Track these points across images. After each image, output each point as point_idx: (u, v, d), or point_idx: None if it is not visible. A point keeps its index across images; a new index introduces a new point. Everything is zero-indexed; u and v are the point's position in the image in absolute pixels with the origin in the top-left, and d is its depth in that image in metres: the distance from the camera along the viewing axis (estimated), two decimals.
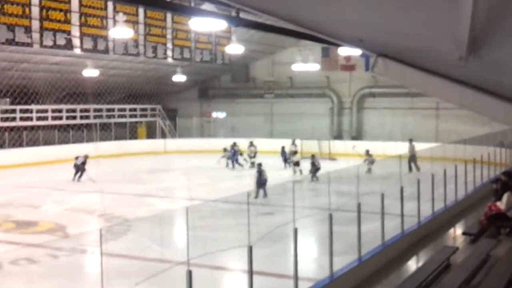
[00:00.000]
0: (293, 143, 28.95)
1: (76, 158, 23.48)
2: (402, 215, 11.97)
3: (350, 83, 36.07)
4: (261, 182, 18.74)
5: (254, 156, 27.23)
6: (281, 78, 37.15)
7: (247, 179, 21.24)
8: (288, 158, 27.28)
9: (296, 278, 8.34)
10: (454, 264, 10.18)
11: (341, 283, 9.26)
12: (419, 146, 24.12)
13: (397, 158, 18.50)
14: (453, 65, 2.33)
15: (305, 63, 32.80)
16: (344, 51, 20.27)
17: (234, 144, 28.04)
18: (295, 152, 27.61)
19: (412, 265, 11.06)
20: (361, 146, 28.78)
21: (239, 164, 27.00)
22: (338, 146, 31.75)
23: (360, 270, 9.88)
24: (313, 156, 23.51)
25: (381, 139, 30.86)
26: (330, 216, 9.25)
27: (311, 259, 11.27)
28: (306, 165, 23.43)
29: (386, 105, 33.37)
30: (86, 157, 23.52)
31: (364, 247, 10.19)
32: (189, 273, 6.55)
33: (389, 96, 32.53)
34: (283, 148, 27.97)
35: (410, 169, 22.80)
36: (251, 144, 28.23)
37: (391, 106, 32.96)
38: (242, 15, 6.24)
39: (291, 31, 3.03)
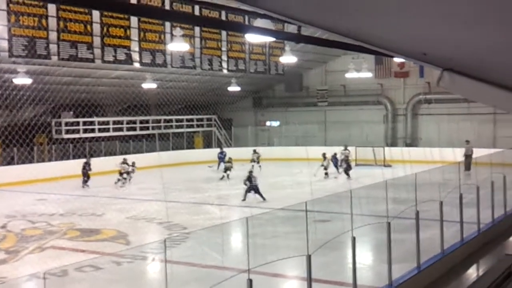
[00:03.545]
0: (346, 149, 29.05)
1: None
2: (461, 222, 11.83)
3: (404, 89, 35.70)
4: (251, 187, 19.65)
5: (258, 162, 29.48)
6: (334, 86, 37.13)
7: (305, 187, 21.40)
8: (340, 164, 27.34)
9: (355, 286, 8.41)
10: None
11: None
12: (477, 152, 23.71)
13: (456, 164, 18.22)
14: None
15: (358, 71, 32.71)
16: (398, 58, 20.17)
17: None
18: (347, 158, 27.54)
19: (473, 273, 10.90)
20: (416, 152, 28.44)
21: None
22: (394, 153, 31.48)
23: (419, 279, 9.84)
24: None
25: (438, 145, 30.40)
26: (388, 224, 9.28)
27: (369, 267, 11.29)
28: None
29: (441, 111, 32.86)
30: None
31: (422, 255, 10.14)
32: (250, 282, 6.69)
33: (445, 102, 32.02)
34: (335, 154, 27.99)
35: (467, 168, 23.19)
36: (255, 151, 30.65)
37: (447, 112, 32.43)
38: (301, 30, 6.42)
39: (350, 45, 3.15)
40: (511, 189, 14.74)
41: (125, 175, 24.99)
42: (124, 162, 25.42)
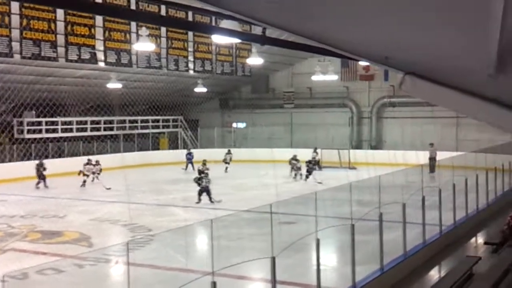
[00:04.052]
0: (315, 151, 29.38)
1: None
2: (424, 224, 12.00)
3: (369, 93, 36.14)
4: (203, 189, 19.74)
5: (229, 163, 30.09)
6: (300, 89, 37.36)
7: (271, 189, 21.43)
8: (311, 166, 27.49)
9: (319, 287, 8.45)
10: (476, 274, 10.17)
11: None
12: (440, 155, 24.16)
13: (419, 167, 18.49)
14: (482, 82, 2.38)
15: (324, 74, 32.99)
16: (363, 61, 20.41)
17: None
18: (317, 161, 27.71)
19: (435, 275, 11.06)
20: (380, 155, 28.83)
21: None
22: (358, 155, 31.86)
23: (382, 280, 9.94)
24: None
25: (402, 148, 30.84)
26: (352, 226, 9.35)
27: (334, 269, 11.36)
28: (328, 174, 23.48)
29: (405, 114, 33.34)
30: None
31: (386, 256, 10.25)
32: (214, 284, 6.66)
33: (409, 106, 32.48)
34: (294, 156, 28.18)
35: (431, 170, 23.88)
36: (229, 152, 30.90)
37: (411, 116, 32.91)
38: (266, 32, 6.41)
39: (314, 48, 3.16)
40: (472, 192, 15.03)
41: (91, 176, 24.67)
42: (88, 163, 25.07)
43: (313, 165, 26.30)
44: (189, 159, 31.05)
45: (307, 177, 25.43)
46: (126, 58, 25.16)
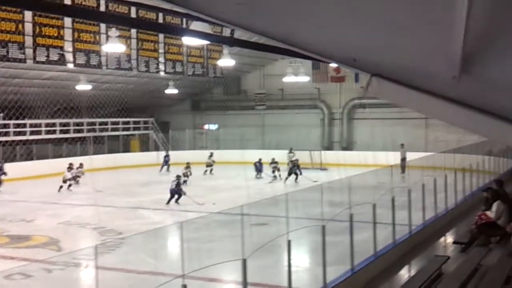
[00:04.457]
0: (291, 152, 29.59)
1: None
2: (393, 224, 12.12)
3: (340, 94, 36.41)
4: (173, 191, 20.01)
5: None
6: (272, 90, 37.47)
7: (243, 191, 21.45)
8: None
9: None
10: (445, 273, 10.30)
11: None
12: (410, 156, 24.46)
13: (389, 168, 18.71)
14: (447, 84, 2.42)
15: (295, 75, 33.16)
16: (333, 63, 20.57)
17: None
18: (293, 161, 27.76)
19: (404, 274, 11.18)
20: (351, 156, 29.07)
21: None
22: (329, 156, 32.11)
23: (353, 280, 10.01)
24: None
25: (372, 149, 31.16)
26: (323, 227, 9.39)
27: (305, 270, 11.39)
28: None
29: (376, 115, 33.66)
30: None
31: (356, 257, 10.32)
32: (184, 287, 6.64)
33: (379, 107, 32.79)
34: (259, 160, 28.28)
35: (403, 170, 24.15)
36: (211, 155, 30.61)
37: (381, 117, 33.24)
38: (234, 34, 6.42)
39: (283, 50, 3.18)
40: (441, 192, 15.24)
41: (72, 181, 24.31)
42: (70, 167, 24.62)
43: (294, 166, 26.50)
44: (166, 161, 30.88)
45: (286, 178, 25.52)
46: (95, 60, 24.88)
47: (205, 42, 25.00)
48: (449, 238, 13.92)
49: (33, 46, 22.32)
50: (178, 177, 20.85)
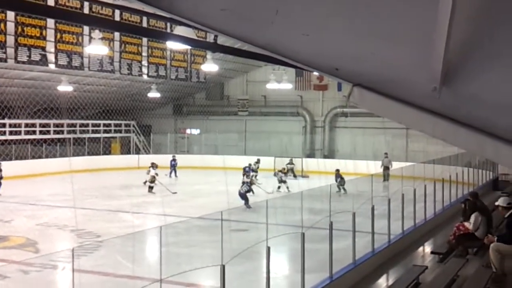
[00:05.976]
0: (258, 162, 29.32)
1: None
2: (373, 233, 12.17)
3: (322, 102, 36.61)
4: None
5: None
6: (255, 97, 37.53)
7: (223, 196, 21.40)
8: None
9: None
10: (423, 283, 10.35)
11: None
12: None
13: (369, 176, 18.76)
14: (427, 96, 2.44)
15: (279, 82, 33.28)
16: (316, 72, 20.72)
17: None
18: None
19: (383, 283, 11.22)
20: (332, 164, 29.20)
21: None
22: (311, 164, 32.23)
23: None
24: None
25: (353, 157, 31.33)
26: (303, 235, 9.40)
27: (284, 277, 11.39)
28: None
29: (357, 124, 33.89)
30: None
31: (335, 264, 10.35)
32: None
33: (360, 116, 33.02)
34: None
35: (384, 178, 25.25)
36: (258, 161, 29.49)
37: (362, 126, 33.46)
38: (219, 40, 6.43)
39: (266, 57, 3.19)
40: (420, 202, 15.34)
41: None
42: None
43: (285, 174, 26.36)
44: (173, 165, 30.43)
45: (279, 187, 25.26)
46: (78, 61, 24.72)
47: (188, 47, 24.97)
48: (427, 248, 14.00)
49: (14, 45, 22.12)
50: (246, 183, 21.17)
